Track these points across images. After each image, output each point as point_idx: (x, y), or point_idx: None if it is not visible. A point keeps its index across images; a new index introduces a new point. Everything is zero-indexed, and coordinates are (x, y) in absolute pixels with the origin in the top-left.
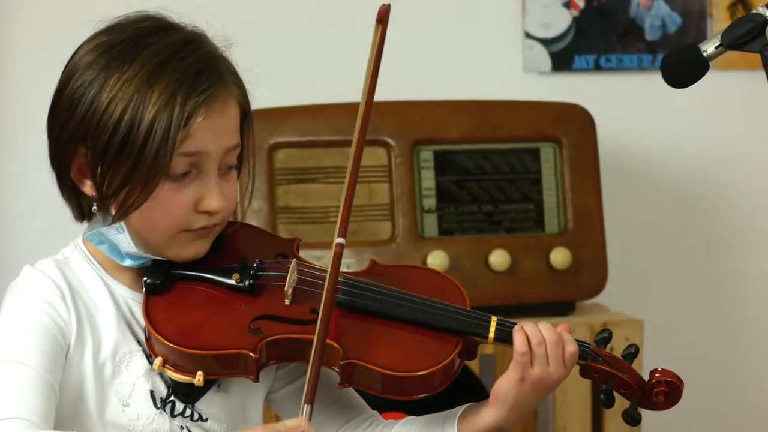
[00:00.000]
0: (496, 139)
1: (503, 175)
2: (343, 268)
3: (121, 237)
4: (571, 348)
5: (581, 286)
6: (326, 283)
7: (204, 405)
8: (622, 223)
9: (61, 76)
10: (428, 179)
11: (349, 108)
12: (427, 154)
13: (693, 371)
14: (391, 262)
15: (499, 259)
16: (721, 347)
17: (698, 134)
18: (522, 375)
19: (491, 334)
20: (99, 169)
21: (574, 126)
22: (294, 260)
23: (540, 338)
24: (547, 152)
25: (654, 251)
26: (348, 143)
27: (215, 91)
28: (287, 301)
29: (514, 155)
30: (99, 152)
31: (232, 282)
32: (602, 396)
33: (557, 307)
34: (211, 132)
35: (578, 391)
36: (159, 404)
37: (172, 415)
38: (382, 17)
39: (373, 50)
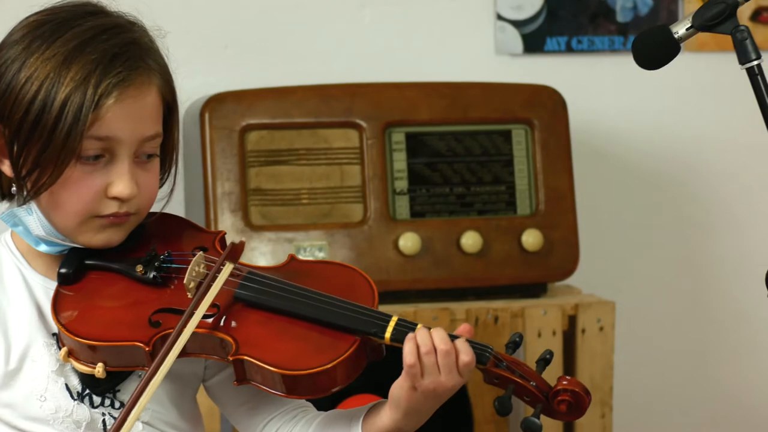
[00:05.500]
0: (467, 121)
1: (475, 157)
2: (314, 250)
3: (31, 218)
4: (466, 358)
5: (553, 267)
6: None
7: (126, 393)
8: (593, 205)
9: None
10: (400, 161)
11: (321, 90)
12: (398, 136)
13: (664, 352)
14: (363, 243)
15: (470, 241)
16: (691, 328)
17: (669, 116)
18: (412, 384)
19: (387, 335)
20: (15, 148)
21: (546, 108)
22: (199, 253)
23: (429, 348)
24: (518, 134)
25: (625, 233)
26: (319, 125)
27: (130, 75)
28: (190, 295)
29: (486, 137)
30: (14, 131)
31: (137, 273)
32: (495, 402)
33: (529, 289)
34: (124, 117)
35: None
36: (76, 396)
37: (93, 406)
38: (235, 255)
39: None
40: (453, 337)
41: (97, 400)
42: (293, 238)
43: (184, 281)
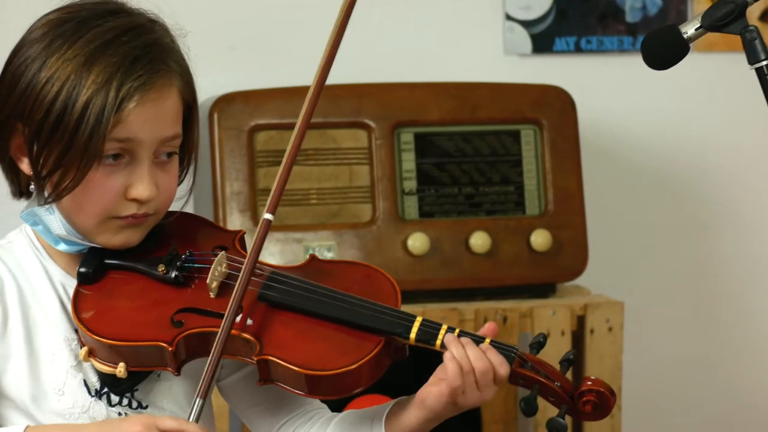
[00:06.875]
0: (476, 121)
1: (484, 158)
2: (323, 250)
3: (52, 218)
4: (502, 372)
5: (562, 268)
6: (247, 258)
7: (143, 394)
8: (602, 205)
9: (12, 48)
10: (409, 161)
11: (329, 90)
12: (407, 137)
13: (672, 352)
14: (371, 244)
15: (479, 241)
16: (700, 329)
17: (678, 116)
18: (453, 400)
19: (413, 335)
20: (34, 149)
21: (555, 108)
22: (222, 252)
23: (469, 368)
24: (527, 134)
25: (634, 233)
26: (328, 125)
27: (151, 78)
28: (212, 295)
29: (495, 137)
30: (34, 131)
31: (158, 273)
32: (521, 403)
33: (537, 289)
34: (145, 120)
35: None
36: (94, 393)
37: (110, 404)
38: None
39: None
40: (478, 338)
41: (114, 398)
42: (302, 238)
43: (207, 281)
